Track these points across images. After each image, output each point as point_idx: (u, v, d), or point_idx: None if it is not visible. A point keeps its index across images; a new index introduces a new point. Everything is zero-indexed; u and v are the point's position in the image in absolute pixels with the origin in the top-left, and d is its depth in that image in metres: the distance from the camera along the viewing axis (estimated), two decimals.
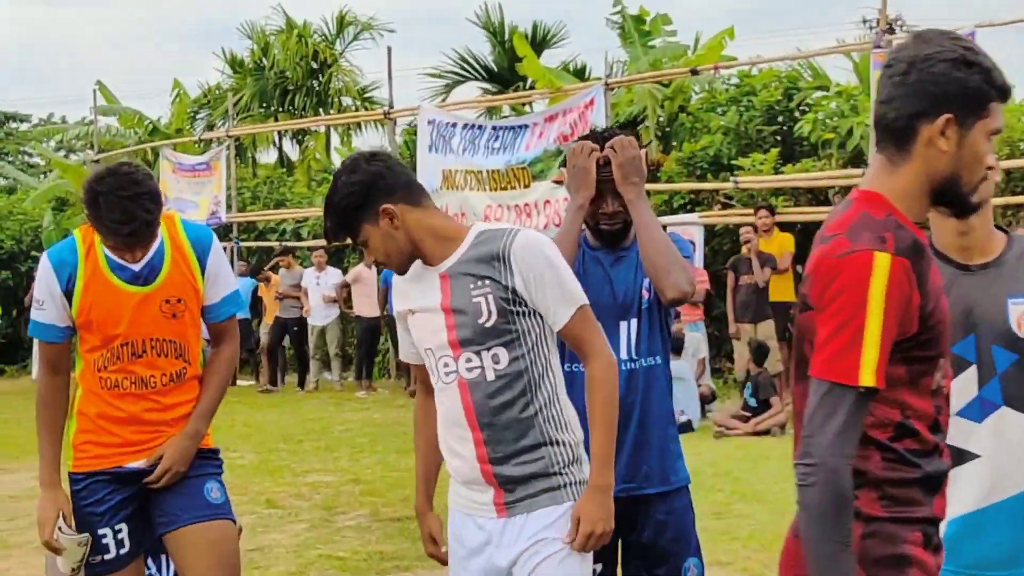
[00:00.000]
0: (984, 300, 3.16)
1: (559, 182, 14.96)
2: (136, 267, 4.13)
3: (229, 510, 4.34)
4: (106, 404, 4.21)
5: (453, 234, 3.42)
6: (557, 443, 3.39)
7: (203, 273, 4.26)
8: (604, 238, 4.07)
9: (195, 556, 4.20)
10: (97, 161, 23.54)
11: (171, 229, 4.23)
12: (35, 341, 4.39)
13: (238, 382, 19.17)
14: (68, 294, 4.11)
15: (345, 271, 18.95)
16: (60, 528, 4.13)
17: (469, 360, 3.38)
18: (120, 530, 4.24)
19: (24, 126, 53.62)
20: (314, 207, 21.41)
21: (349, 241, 3.47)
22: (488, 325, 3.35)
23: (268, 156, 28.40)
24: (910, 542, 2.51)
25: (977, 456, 3.14)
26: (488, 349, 3.37)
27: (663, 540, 4.01)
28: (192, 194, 21.63)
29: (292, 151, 27.97)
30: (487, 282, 3.34)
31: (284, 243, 21.16)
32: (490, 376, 3.38)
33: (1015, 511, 3.14)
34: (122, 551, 4.26)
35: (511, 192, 17.40)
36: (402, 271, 3.50)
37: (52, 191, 26.86)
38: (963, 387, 3.12)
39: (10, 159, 47.76)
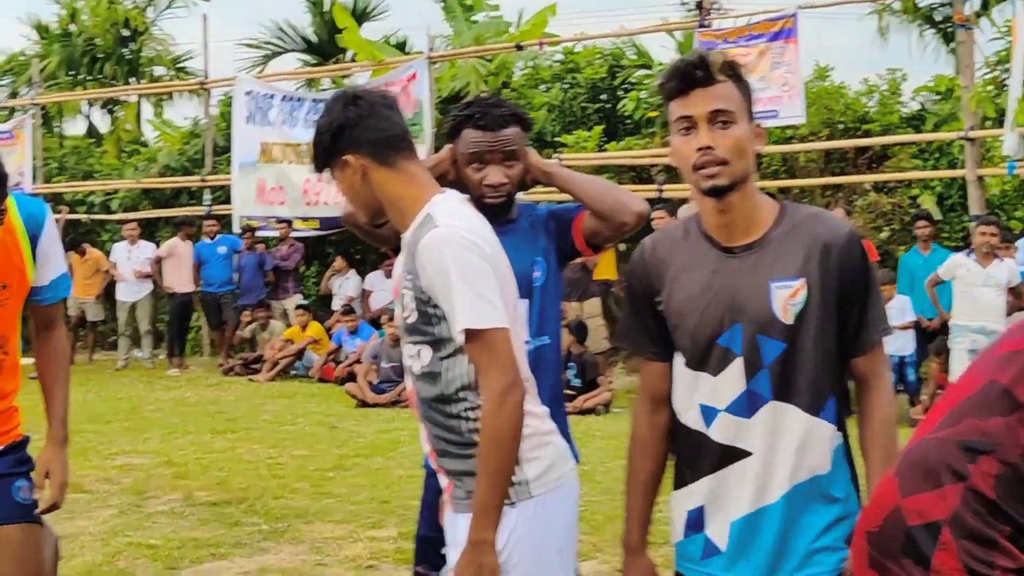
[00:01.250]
0: (746, 286, 2.92)
1: None
2: None
3: (34, 512, 3.94)
4: None
5: (410, 209, 3.14)
6: (472, 455, 3.08)
7: (34, 254, 3.82)
8: (487, 211, 3.64)
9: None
10: None
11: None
12: None
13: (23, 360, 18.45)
14: None
15: (158, 245, 18.31)
16: None
17: (407, 348, 3.18)
18: None
19: None
20: (124, 179, 20.72)
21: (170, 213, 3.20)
22: (409, 322, 3.11)
23: (76, 126, 27.38)
24: None
25: (749, 454, 2.92)
26: (415, 344, 3.14)
27: None
28: None
29: (101, 121, 27.02)
30: (409, 276, 3.10)
31: (92, 216, 20.43)
32: (416, 370, 3.15)
33: (784, 512, 2.92)
34: None
35: None
36: (370, 222, 3.36)
37: None
38: (730, 381, 2.92)
39: None
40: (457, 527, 3.12)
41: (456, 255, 2.99)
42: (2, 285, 3.76)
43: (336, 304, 17.11)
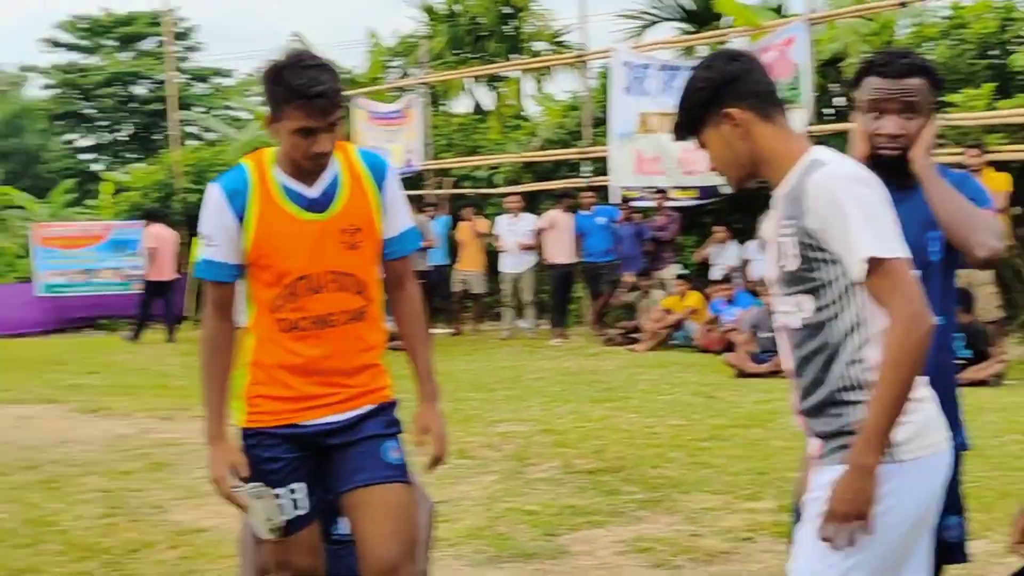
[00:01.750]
0: None
1: None
2: (312, 193, 3.82)
3: (407, 472, 4.02)
4: (283, 350, 3.88)
5: (787, 163, 3.11)
6: (855, 403, 3.01)
7: (382, 202, 3.92)
8: (882, 167, 3.49)
9: (370, 520, 3.85)
10: None
11: (346, 155, 3.90)
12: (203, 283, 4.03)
13: (431, 330, 19.23)
14: (241, 222, 3.78)
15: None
16: (237, 484, 3.90)
17: (783, 303, 3.13)
18: (295, 490, 3.98)
19: (228, 81, 55.06)
20: (507, 153, 21.25)
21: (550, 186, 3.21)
22: (790, 270, 3.06)
23: (462, 103, 28.30)
24: None
25: None
26: (793, 294, 3.08)
27: None
28: (386, 141, 21.67)
29: (485, 98, 27.79)
30: (791, 222, 3.03)
31: (477, 190, 21.06)
32: (795, 324, 3.10)
33: None
34: (298, 512, 4.00)
35: None
36: (738, 185, 3.26)
37: (253, 142, 27.26)
38: None
39: (215, 113, 49.04)
40: (821, 476, 3.05)
41: (850, 188, 2.95)
42: (355, 228, 3.86)
43: (714, 273, 17.01)
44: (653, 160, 17.82)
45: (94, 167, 54.42)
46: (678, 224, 17.16)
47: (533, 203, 19.79)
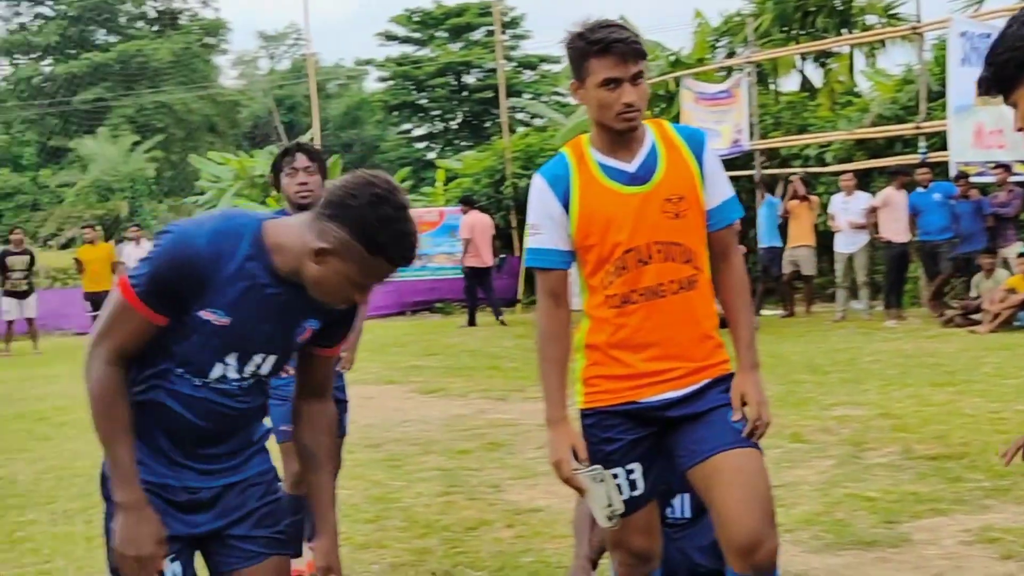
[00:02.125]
0: None
1: None
2: (631, 168, 3.87)
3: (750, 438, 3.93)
4: (616, 327, 3.90)
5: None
6: None
7: (701, 172, 3.91)
8: None
9: (725, 487, 3.77)
10: None
11: (661, 129, 3.97)
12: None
13: (762, 312, 18.97)
14: (566, 208, 3.87)
15: (872, 195, 18.15)
16: (577, 467, 3.89)
17: None
18: (632, 470, 3.98)
19: (556, 67, 55.85)
20: (837, 131, 20.71)
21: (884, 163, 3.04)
22: None
23: (790, 81, 27.74)
24: None
25: None
26: None
27: None
28: (714, 123, 21.46)
29: (814, 74, 27.18)
30: None
31: (806, 169, 20.63)
32: None
33: None
34: (634, 492, 3.99)
35: None
36: None
37: (580, 126, 27.50)
38: None
39: (544, 99, 49.83)
40: None
41: None
42: (678, 196, 3.87)
43: None
44: (995, 133, 16.99)
45: (428, 155, 56.18)
46: (1021, 200, 16.30)
47: (865, 181, 19.23)
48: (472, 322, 20.67)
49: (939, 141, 18.19)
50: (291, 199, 5.81)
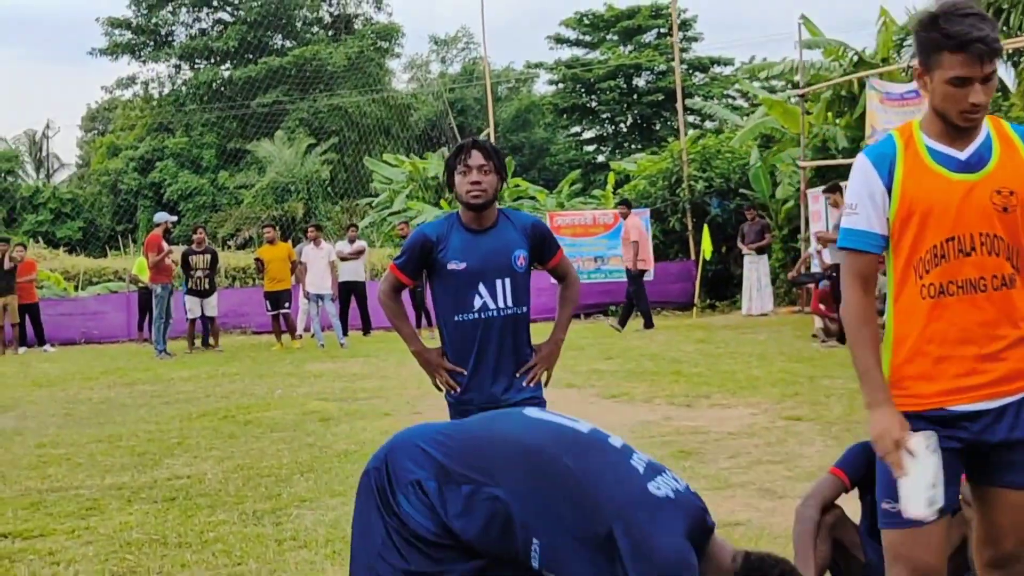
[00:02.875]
0: None
1: None
2: (962, 156, 3.70)
3: None
4: (928, 320, 3.71)
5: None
6: None
7: None
8: None
9: (1006, 522, 3.74)
10: (803, 96, 23.34)
11: (997, 125, 3.79)
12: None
13: None
14: (888, 189, 3.72)
15: None
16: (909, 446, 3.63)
17: None
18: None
19: (727, 69, 55.24)
20: None
21: None
22: None
23: None
24: None
25: None
26: None
27: None
28: (900, 123, 20.74)
29: (1006, 74, 26.11)
30: None
31: None
32: None
33: None
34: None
35: None
36: None
37: (758, 128, 27.02)
38: None
39: (716, 101, 49.20)
40: None
41: None
42: (1009, 191, 3.68)
43: None
44: None
45: (597, 158, 56.07)
46: None
47: None
48: (649, 324, 20.36)
49: None
50: (462, 198, 5.55)
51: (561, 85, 57.62)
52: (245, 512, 7.75)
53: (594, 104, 57.06)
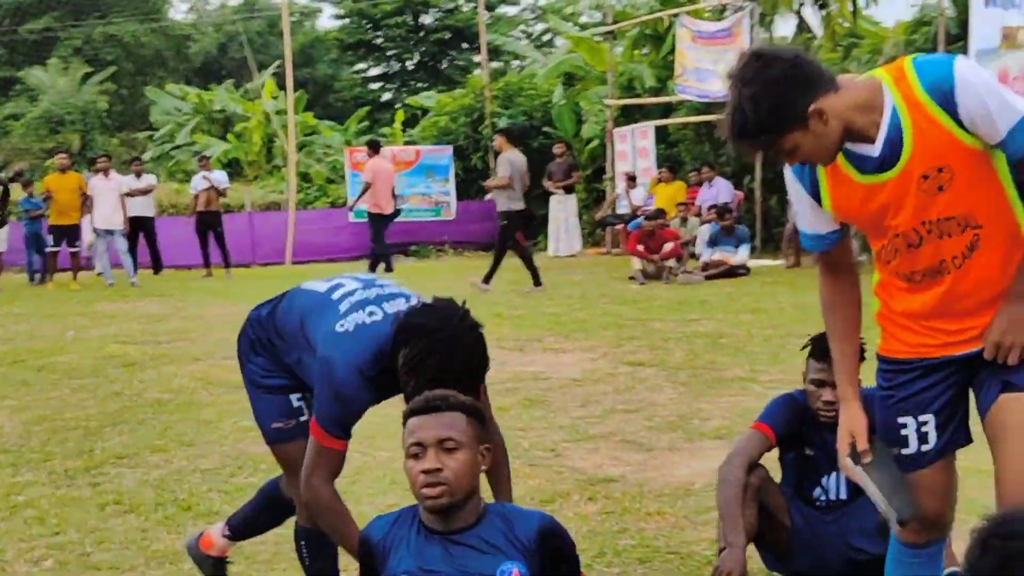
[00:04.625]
0: None
1: None
2: (875, 151, 3.31)
3: None
4: (904, 300, 3.52)
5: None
6: None
7: (959, 123, 3.23)
8: None
9: (1009, 439, 3.35)
10: (610, 33, 22.98)
11: (901, 86, 3.25)
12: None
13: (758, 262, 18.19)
14: (815, 197, 3.51)
15: None
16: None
17: None
18: (925, 422, 3.54)
19: (511, 10, 54.94)
20: (847, 73, 19.80)
21: None
22: None
23: (784, 25, 26.82)
24: None
25: None
26: None
27: None
28: (711, 63, 20.62)
29: (813, 16, 26.21)
30: None
31: None
32: None
33: None
34: (923, 447, 3.56)
35: None
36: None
37: (562, 66, 26.60)
38: None
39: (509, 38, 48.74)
40: None
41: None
42: (936, 168, 3.29)
43: None
44: (1020, 79, 16.20)
45: (383, 97, 55.45)
46: None
47: None
48: (372, 269, 19.32)
49: None
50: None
51: (347, 20, 56.38)
52: (55, 471, 6.86)
53: (380, 41, 56.03)
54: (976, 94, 3.18)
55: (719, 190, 19.66)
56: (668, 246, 16.79)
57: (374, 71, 59.63)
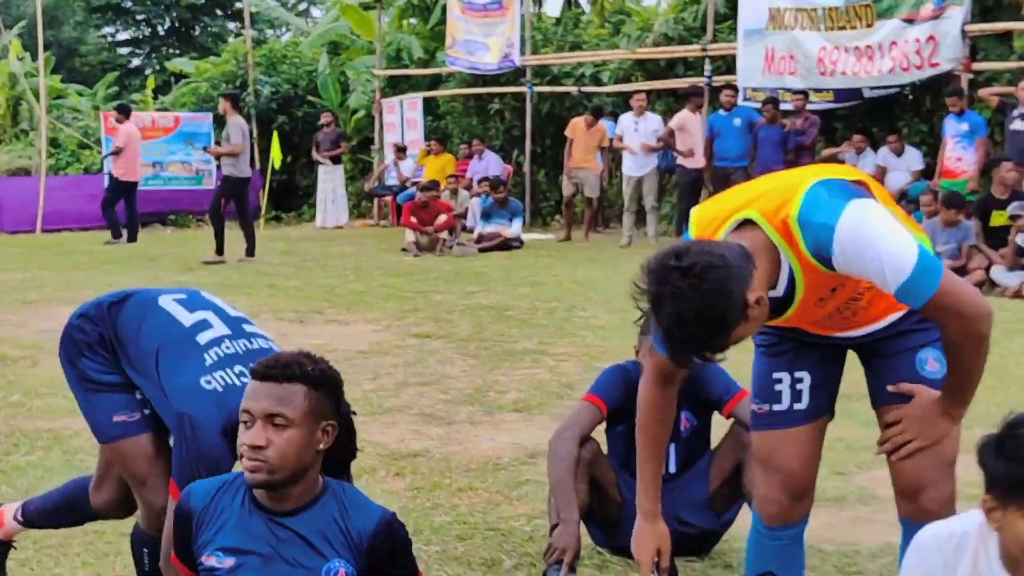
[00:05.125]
0: None
1: None
2: (777, 294, 3.28)
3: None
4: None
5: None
6: None
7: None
8: None
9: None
10: (379, 1, 22.65)
11: (791, 243, 3.14)
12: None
13: (532, 235, 18.15)
14: None
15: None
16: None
17: None
18: (800, 379, 3.49)
19: None
20: (617, 49, 19.92)
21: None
22: None
23: (556, 1, 26.84)
24: None
25: None
26: None
27: None
28: (482, 35, 20.52)
29: None
30: None
31: (581, 88, 19.86)
32: None
33: None
34: (796, 405, 3.49)
35: (850, 32, 15.87)
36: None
37: (328, 34, 26.12)
38: None
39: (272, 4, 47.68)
40: None
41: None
42: (831, 290, 3.30)
43: None
44: (786, 59, 16.55)
45: (133, 62, 53.88)
46: (818, 128, 15.83)
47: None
48: (117, 235, 18.78)
49: (724, 65, 17.68)
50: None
51: None
52: None
53: (129, 4, 54.28)
54: (856, 263, 3.08)
55: (489, 163, 19.57)
56: (442, 218, 16.61)
57: (123, 35, 57.73)
